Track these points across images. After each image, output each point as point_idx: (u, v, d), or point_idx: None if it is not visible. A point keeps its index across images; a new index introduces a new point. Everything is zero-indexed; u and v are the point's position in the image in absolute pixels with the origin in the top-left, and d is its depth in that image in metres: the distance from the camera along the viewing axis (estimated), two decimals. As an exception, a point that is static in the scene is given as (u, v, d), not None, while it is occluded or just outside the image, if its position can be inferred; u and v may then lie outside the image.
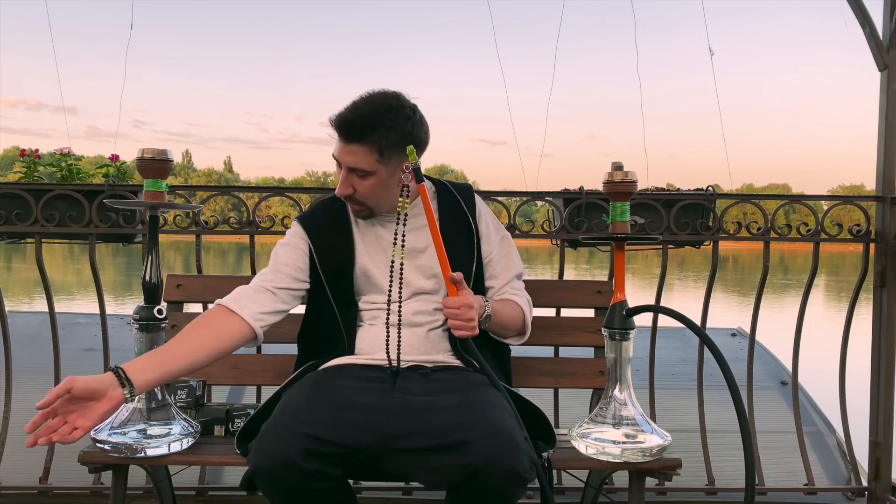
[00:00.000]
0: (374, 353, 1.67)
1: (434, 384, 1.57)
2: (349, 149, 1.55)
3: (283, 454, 1.34)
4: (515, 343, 1.83)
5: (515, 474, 1.35)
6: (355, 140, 1.53)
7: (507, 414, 1.47)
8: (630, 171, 1.68)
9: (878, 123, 2.46)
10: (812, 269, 2.43)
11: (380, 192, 1.61)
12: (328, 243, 1.69)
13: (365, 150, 1.54)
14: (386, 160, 1.55)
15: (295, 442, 1.35)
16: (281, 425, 1.39)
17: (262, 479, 1.37)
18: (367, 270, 1.68)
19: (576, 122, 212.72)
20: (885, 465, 2.43)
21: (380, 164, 1.55)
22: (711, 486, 2.37)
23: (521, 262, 1.84)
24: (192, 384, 1.84)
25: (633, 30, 3.15)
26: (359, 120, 1.52)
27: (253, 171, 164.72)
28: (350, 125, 1.53)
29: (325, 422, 1.39)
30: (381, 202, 1.64)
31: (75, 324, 3.12)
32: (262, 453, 1.36)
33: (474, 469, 1.33)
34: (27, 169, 2.41)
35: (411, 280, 1.68)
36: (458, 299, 1.52)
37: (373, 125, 1.52)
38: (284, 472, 1.34)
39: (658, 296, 2.43)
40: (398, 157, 1.56)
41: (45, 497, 2.27)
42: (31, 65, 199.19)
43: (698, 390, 2.45)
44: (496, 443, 1.35)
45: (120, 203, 1.76)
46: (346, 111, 1.54)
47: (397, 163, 1.57)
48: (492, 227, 1.78)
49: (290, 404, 1.48)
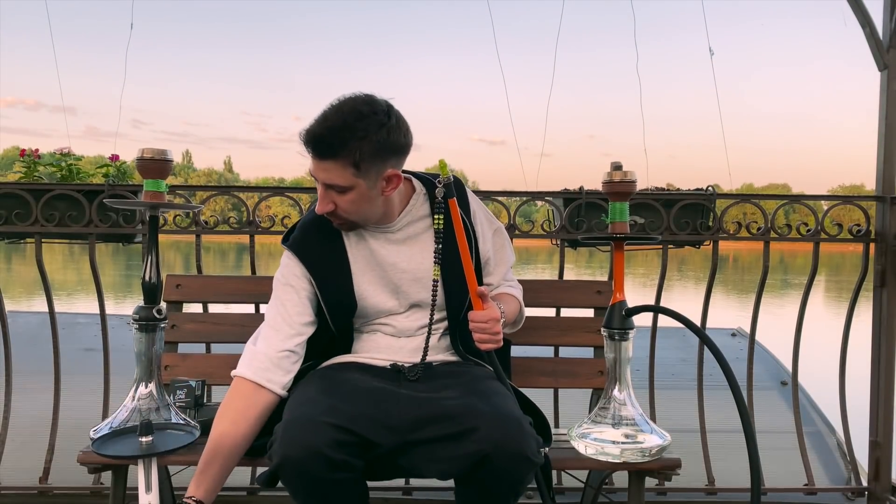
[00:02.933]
0: (375, 356, 1.67)
1: (439, 380, 1.58)
2: (322, 166, 1.47)
3: (313, 444, 1.33)
4: (508, 332, 1.79)
5: (524, 457, 1.36)
6: (327, 157, 1.46)
7: (511, 401, 1.50)
8: (629, 170, 1.68)
9: (878, 123, 2.46)
10: (812, 269, 2.43)
11: (362, 205, 1.53)
12: (327, 271, 1.62)
13: (338, 165, 1.46)
14: (363, 173, 1.47)
15: (322, 432, 1.35)
16: (306, 417, 1.38)
17: (289, 470, 1.35)
18: (364, 292, 1.63)
19: (575, 122, 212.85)
20: (885, 465, 2.43)
21: (357, 178, 1.47)
22: (711, 486, 2.37)
23: (513, 250, 1.82)
24: (191, 384, 1.84)
25: (633, 30, 3.15)
26: (328, 135, 1.44)
27: (253, 171, 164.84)
28: (319, 141, 1.45)
29: (345, 412, 1.39)
30: (367, 215, 1.57)
31: (75, 324, 3.13)
32: (291, 444, 1.34)
33: (484, 454, 1.35)
34: (27, 169, 2.41)
35: (410, 292, 1.65)
36: (485, 313, 1.52)
37: (344, 139, 1.43)
38: (313, 462, 1.34)
39: (658, 296, 2.43)
40: (377, 166, 1.48)
41: (45, 497, 2.26)
42: (29, 64, 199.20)
43: (698, 390, 2.45)
44: (503, 427, 1.37)
45: (120, 203, 1.76)
46: (315, 126, 1.45)
47: (376, 172, 1.49)
48: (486, 224, 1.74)
49: (307, 398, 1.48)
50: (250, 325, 2.07)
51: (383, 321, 1.67)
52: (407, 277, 1.64)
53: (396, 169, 1.53)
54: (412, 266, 1.64)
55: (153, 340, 1.64)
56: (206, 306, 2.20)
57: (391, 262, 1.63)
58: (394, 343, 1.67)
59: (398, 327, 1.67)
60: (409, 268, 1.64)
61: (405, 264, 1.64)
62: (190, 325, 2.06)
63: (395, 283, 1.64)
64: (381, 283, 1.64)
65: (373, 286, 1.63)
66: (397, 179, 1.53)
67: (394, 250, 1.63)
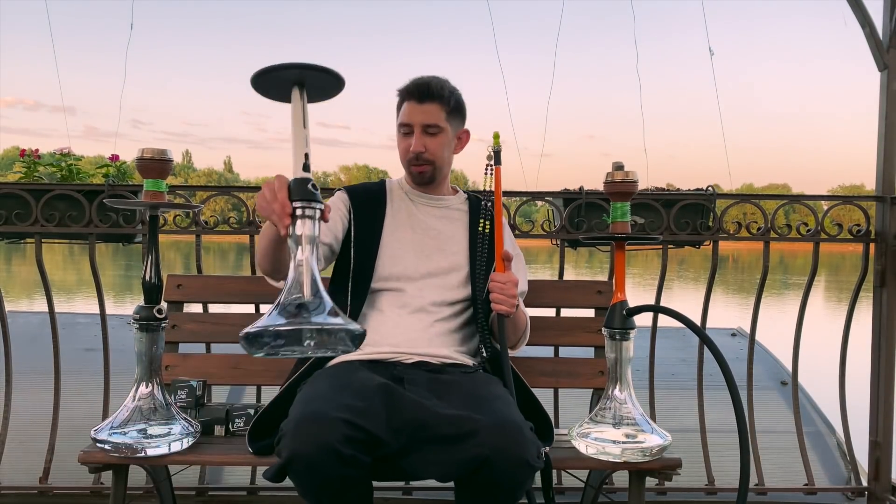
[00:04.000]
0: (379, 345, 1.69)
1: (441, 385, 1.59)
2: (423, 108, 1.75)
3: (324, 440, 1.33)
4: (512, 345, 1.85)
5: (524, 462, 1.37)
6: (430, 98, 1.75)
7: (512, 406, 1.51)
8: (631, 170, 1.68)
9: (878, 123, 2.46)
10: (812, 269, 2.43)
11: (444, 151, 1.79)
12: (366, 211, 1.81)
13: (437, 107, 1.75)
14: (451, 119, 1.78)
15: (334, 427, 1.35)
16: (317, 412, 1.38)
17: (300, 465, 1.35)
18: (389, 240, 1.78)
19: (575, 122, 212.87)
20: (885, 465, 2.44)
21: (447, 122, 1.77)
22: (711, 486, 2.37)
23: (526, 281, 1.92)
24: (192, 384, 1.84)
25: (633, 30, 3.15)
26: (433, 83, 1.76)
27: (253, 171, 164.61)
28: (427, 86, 1.75)
29: (355, 407, 1.40)
30: (443, 165, 1.81)
31: (75, 324, 3.12)
32: (301, 440, 1.35)
33: (483, 459, 1.36)
34: (27, 169, 2.41)
35: (433, 256, 1.77)
36: (506, 275, 1.66)
37: (443, 87, 1.76)
38: (324, 457, 1.34)
39: (658, 296, 2.43)
40: (458, 120, 1.80)
41: (45, 497, 2.26)
42: (28, 64, 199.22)
43: (698, 390, 2.45)
44: (503, 432, 1.38)
45: (120, 203, 1.75)
46: (419, 78, 1.77)
47: (457, 125, 1.81)
48: (508, 242, 1.87)
49: (316, 394, 1.48)
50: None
51: (394, 285, 1.74)
52: (432, 244, 1.79)
53: (468, 132, 1.85)
54: (441, 236, 1.81)
55: (154, 340, 1.64)
56: (207, 306, 2.20)
57: (424, 222, 1.82)
58: (400, 322, 1.70)
59: (406, 297, 1.73)
60: (438, 235, 1.81)
61: (435, 231, 1.82)
62: (190, 325, 2.06)
63: (420, 245, 1.79)
64: (408, 240, 1.79)
65: (399, 242, 1.79)
66: (466, 137, 1.86)
67: (430, 214, 1.84)
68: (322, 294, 1.19)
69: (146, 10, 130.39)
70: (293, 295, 1.17)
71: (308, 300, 1.17)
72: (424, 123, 1.75)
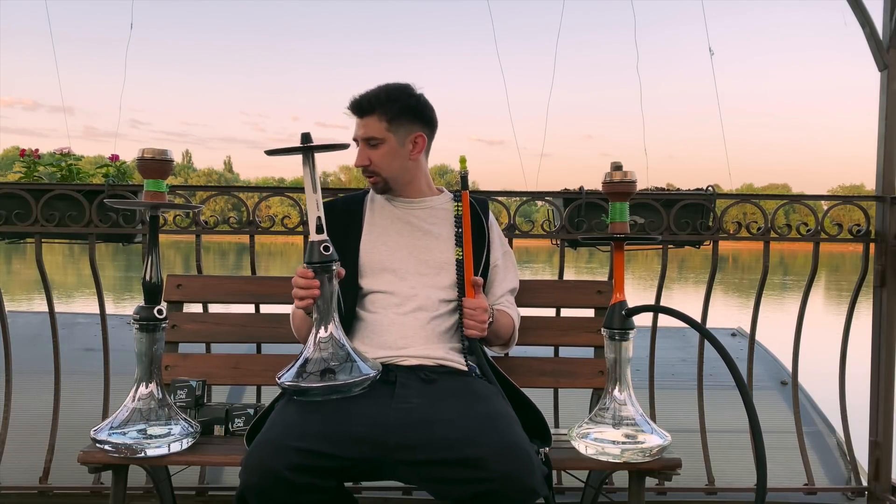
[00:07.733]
0: (374, 348, 1.68)
1: (435, 391, 1.57)
2: (363, 122, 1.75)
3: (273, 469, 1.35)
4: (499, 353, 1.89)
5: (531, 490, 1.37)
6: (367, 112, 1.74)
7: (517, 426, 1.49)
8: (629, 170, 1.68)
9: (878, 123, 2.46)
10: (812, 269, 2.43)
11: (392, 161, 1.76)
12: (340, 221, 1.81)
13: (374, 119, 1.74)
14: (394, 129, 1.74)
15: (284, 457, 1.36)
16: (270, 440, 1.40)
17: (250, 494, 1.38)
18: (369, 243, 1.78)
19: (575, 122, 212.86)
20: (885, 465, 2.44)
21: (388, 132, 1.74)
22: (711, 486, 2.37)
23: (518, 279, 1.92)
24: (192, 384, 1.84)
25: (633, 29, 3.15)
26: (367, 96, 1.75)
27: (252, 171, 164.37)
28: (361, 101, 1.75)
29: (318, 434, 1.40)
30: (396, 174, 1.78)
31: (75, 324, 3.12)
32: (251, 470, 1.37)
33: (489, 486, 1.34)
34: (27, 169, 2.41)
35: (421, 255, 1.77)
36: (476, 301, 1.68)
37: (379, 98, 1.74)
38: (274, 487, 1.35)
39: (658, 296, 2.43)
40: (405, 126, 1.75)
41: (45, 497, 2.26)
42: (27, 64, 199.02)
43: (698, 390, 2.45)
44: (511, 459, 1.37)
45: (120, 203, 1.75)
46: (357, 95, 1.77)
47: (405, 131, 1.75)
48: (497, 241, 1.88)
49: (281, 418, 1.48)
50: (250, 325, 2.07)
51: (384, 287, 1.74)
52: (419, 244, 1.78)
53: (424, 134, 1.78)
54: (428, 235, 1.79)
55: (154, 340, 1.64)
56: (207, 306, 2.20)
57: (409, 224, 1.81)
58: (396, 320, 1.70)
59: (397, 297, 1.73)
60: (425, 235, 1.79)
61: (421, 231, 1.80)
62: (190, 325, 2.06)
63: (407, 246, 1.79)
64: (393, 242, 1.79)
65: (385, 245, 1.79)
66: (422, 142, 1.79)
67: (413, 215, 1.82)
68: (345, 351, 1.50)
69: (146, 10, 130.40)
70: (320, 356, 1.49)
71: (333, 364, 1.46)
72: (364, 137, 1.75)
